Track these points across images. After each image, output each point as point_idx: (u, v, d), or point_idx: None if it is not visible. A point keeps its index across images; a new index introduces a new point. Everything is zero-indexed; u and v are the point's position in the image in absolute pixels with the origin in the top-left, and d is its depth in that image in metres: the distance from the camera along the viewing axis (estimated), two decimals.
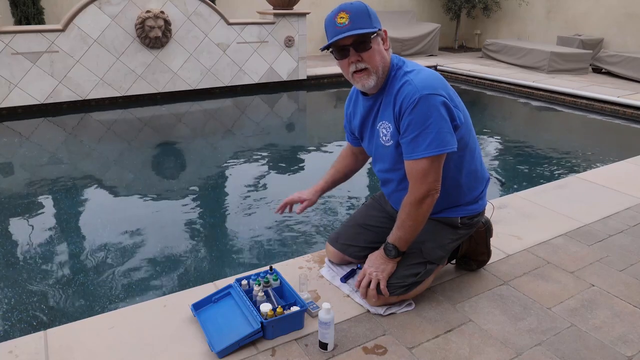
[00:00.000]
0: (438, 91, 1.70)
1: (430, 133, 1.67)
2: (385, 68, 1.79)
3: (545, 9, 10.03)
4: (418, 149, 1.70)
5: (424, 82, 1.71)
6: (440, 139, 1.68)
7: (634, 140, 5.53)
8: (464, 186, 1.93)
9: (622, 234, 2.66)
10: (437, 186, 1.77)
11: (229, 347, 1.71)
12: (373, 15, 1.73)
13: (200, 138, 5.41)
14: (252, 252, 2.92)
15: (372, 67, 1.75)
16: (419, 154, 1.71)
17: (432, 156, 1.70)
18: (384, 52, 1.78)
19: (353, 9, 1.69)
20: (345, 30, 1.68)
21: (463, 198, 1.95)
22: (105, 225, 3.23)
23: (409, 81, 1.72)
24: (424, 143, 1.68)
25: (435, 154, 1.69)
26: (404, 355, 1.74)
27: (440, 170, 1.75)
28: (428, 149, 1.68)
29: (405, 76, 1.75)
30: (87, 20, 5.96)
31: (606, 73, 8.17)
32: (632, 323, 1.94)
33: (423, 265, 1.95)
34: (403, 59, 1.86)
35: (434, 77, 1.76)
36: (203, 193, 3.86)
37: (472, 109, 6.92)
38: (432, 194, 1.77)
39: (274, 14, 7.19)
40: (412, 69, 1.78)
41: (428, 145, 1.68)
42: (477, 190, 1.98)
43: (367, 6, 1.73)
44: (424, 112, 1.67)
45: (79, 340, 1.79)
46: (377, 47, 1.75)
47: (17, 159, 4.56)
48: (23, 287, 2.55)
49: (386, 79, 1.81)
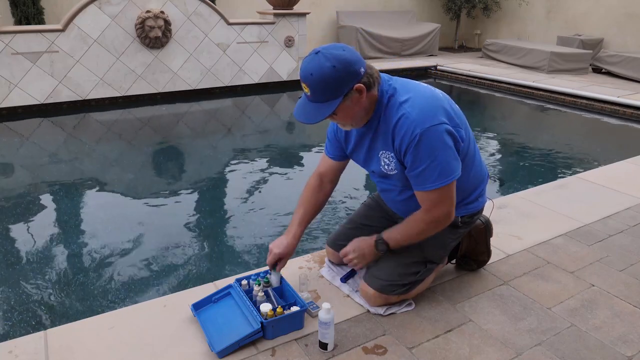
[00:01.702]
0: (438, 119, 1.64)
1: (438, 165, 1.65)
2: (369, 108, 1.70)
3: (545, 9, 10.03)
4: (427, 181, 1.69)
5: (422, 113, 1.64)
6: (448, 170, 1.67)
7: (634, 140, 5.53)
8: (465, 189, 1.92)
9: (622, 234, 2.65)
10: (452, 209, 1.77)
11: (229, 347, 1.71)
12: (335, 82, 1.56)
13: (200, 138, 5.41)
14: (252, 252, 2.92)
15: (346, 122, 1.72)
16: (428, 186, 1.69)
17: (440, 187, 1.69)
18: (360, 104, 1.66)
19: (311, 82, 1.58)
20: (307, 102, 1.63)
21: (464, 199, 1.95)
22: (105, 225, 3.23)
23: (406, 115, 1.64)
24: (432, 176, 1.67)
25: (445, 184, 1.68)
26: (404, 355, 1.74)
27: (453, 193, 1.74)
28: (437, 181, 1.67)
29: (401, 108, 1.66)
30: (87, 20, 5.96)
31: (606, 73, 8.17)
32: (632, 323, 1.94)
33: (423, 264, 1.95)
34: (394, 84, 1.74)
35: (431, 101, 1.68)
36: (203, 193, 3.86)
37: (472, 109, 6.93)
38: (447, 219, 1.78)
39: (274, 14, 7.19)
40: (406, 98, 1.67)
41: (437, 177, 1.67)
42: (478, 189, 1.98)
43: (326, 76, 1.55)
44: (428, 146, 1.63)
45: (79, 340, 1.79)
46: (350, 105, 1.63)
47: (17, 159, 4.56)
48: (23, 287, 2.55)
49: (376, 108, 1.72)
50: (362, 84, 1.62)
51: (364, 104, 1.68)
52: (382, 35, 9.40)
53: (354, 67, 1.59)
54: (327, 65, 1.55)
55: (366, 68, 1.64)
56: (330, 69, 1.55)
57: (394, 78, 1.79)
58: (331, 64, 1.55)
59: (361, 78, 1.61)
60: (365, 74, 1.63)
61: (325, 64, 1.55)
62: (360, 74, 1.61)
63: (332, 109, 1.60)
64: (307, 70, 1.58)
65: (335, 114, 1.66)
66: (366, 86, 1.64)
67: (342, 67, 1.56)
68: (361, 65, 1.62)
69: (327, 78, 1.56)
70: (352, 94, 1.61)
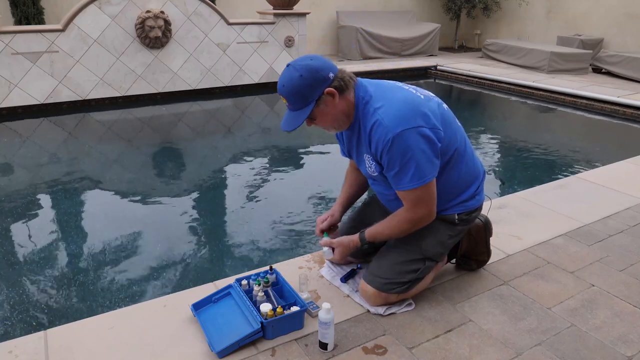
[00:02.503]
0: (410, 123, 1.70)
1: (410, 168, 1.72)
2: (348, 111, 1.80)
3: (545, 9, 10.03)
4: (401, 182, 1.77)
5: (395, 118, 1.70)
6: (420, 172, 1.73)
7: (634, 140, 5.53)
8: (456, 187, 1.93)
9: (622, 234, 2.66)
10: (433, 209, 1.83)
11: (229, 347, 1.71)
12: (304, 89, 1.69)
13: (200, 138, 5.41)
14: (252, 252, 2.92)
15: (327, 125, 1.83)
16: (403, 187, 1.78)
17: (414, 188, 1.76)
18: (337, 107, 1.76)
19: (285, 93, 1.72)
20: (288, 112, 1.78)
21: (458, 197, 1.95)
22: (105, 225, 3.23)
23: (379, 121, 1.72)
24: (405, 177, 1.75)
25: (418, 186, 1.75)
26: (404, 355, 1.74)
27: (431, 193, 1.80)
28: (410, 183, 1.75)
29: (375, 114, 1.74)
30: (87, 20, 5.96)
31: (606, 73, 8.17)
32: (632, 323, 1.94)
33: (422, 261, 1.95)
34: (371, 90, 1.80)
35: (405, 106, 1.74)
36: (203, 193, 3.86)
37: (473, 109, 6.94)
38: (427, 219, 1.85)
39: (274, 14, 7.19)
40: (381, 104, 1.75)
41: (410, 179, 1.74)
42: (473, 187, 1.98)
43: (296, 85, 1.69)
44: (399, 150, 1.71)
45: (79, 340, 1.79)
46: (325, 108, 1.75)
47: (17, 159, 4.56)
48: (23, 287, 2.55)
49: (355, 112, 1.81)
50: (333, 88, 1.73)
51: (341, 107, 1.78)
52: (382, 35, 9.40)
53: (322, 74, 1.71)
54: (296, 75, 1.70)
55: (337, 73, 1.75)
56: (299, 78, 1.69)
57: (374, 83, 1.86)
58: (299, 73, 1.69)
59: (331, 82, 1.73)
60: (336, 78, 1.74)
61: (294, 74, 1.70)
62: (329, 79, 1.72)
63: (307, 113, 1.73)
64: (280, 83, 1.74)
65: (314, 119, 1.79)
66: (337, 90, 1.74)
67: (309, 75, 1.69)
68: (330, 71, 1.73)
69: (297, 87, 1.70)
70: (324, 98, 1.73)
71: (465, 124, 2.03)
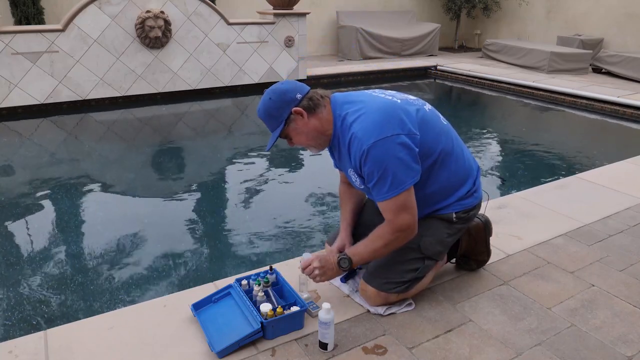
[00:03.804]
0: (384, 132, 1.72)
1: (387, 177, 1.74)
2: (322, 129, 1.85)
3: (545, 9, 10.03)
4: (380, 193, 1.78)
5: (368, 130, 1.74)
6: (398, 181, 1.74)
7: (634, 140, 5.53)
8: (448, 186, 1.93)
9: (622, 234, 2.66)
10: (414, 218, 1.81)
11: (229, 347, 1.71)
12: (274, 110, 1.80)
13: (200, 138, 5.41)
14: (252, 252, 2.92)
15: (305, 144, 1.90)
16: (382, 197, 1.78)
17: (394, 197, 1.76)
18: (308, 125, 1.82)
19: (260, 115, 1.85)
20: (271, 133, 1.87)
21: (453, 195, 1.95)
22: (105, 225, 3.23)
23: (354, 135, 1.76)
24: (384, 187, 1.76)
25: (396, 194, 1.75)
26: (404, 355, 1.74)
27: (410, 202, 1.79)
28: (389, 192, 1.76)
29: (351, 128, 1.78)
30: (87, 20, 5.96)
31: (606, 73, 8.17)
32: (632, 323, 1.94)
33: (421, 260, 1.95)
34: (345, 105, 1.85)
35: (379, 115, 1.76)
36: (203, 193, 3.86)
37: (473, 109, 6.94)
38: (411, 229, 1.81)
39: (274, 14, 7.19)
40: (355, 117, 1.78)
41: (388, 189, 1.75)
42: (467, 184, 1.98)
43: (267, 107, 1.81)
44: (375, 161, 1.73)
45: (79, 340, 1.79)
46: (295, 127, 1.82)
47: (17, 159, 4.56)
48: (23, 287, 2.55)
49: (334, 130, 1.86)
50: (301, 107, 1.81)
51: (313, 125, 1.83)
52: (382, 35, 9.40)
53: (289, 95, 1.81)
54: (266, 98, 1.83)
55: (306, 93, 1.83)
56: (268, 100, 1.82)
57: (349, 97, 1.90)
58: (269, 96, 1.82)
59: (299, 102, 1.81)
60: (305, 98, 1.82)
61: (265, 98, 1.83)
62: (295, 99, 1.81)
63: (278, 132, 1.83)
64: (257, 108, 1.86)
65: (290, 139, 1.88)
66: (305, 109, 1.81)
67: (276, 97, 1.81)
68: (297, 92, 1.82)
69: (267, 109, 1.83)
70: (292, 117, 1.82)
71: (465, 124, 2.04)
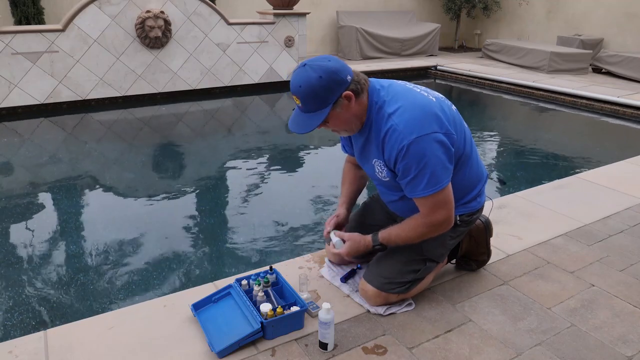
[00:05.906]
0: (426, 129, 1.67)
1: (425, 175, 1.69)
2: (361, 115, 1.76)
3: (545, 9, 10.03)
4: (416, 189, 1.73)
5: (410, 124, 1.67)
6: (436, 179, 1.70)
7: (634, 140, 5.53)
8: (460, 189, 1.93)
9: (622, 234, 2.66)
10: (451, 214, 1.79)
11: (229, 347, 1.71)
12: (321, 90, 1.63)
13: (200, 138, 5.41)
14: (252, 252, 2.92)
15: (339, 128, 1.79)
16: (418, 194, 1.74)
17: (430, 195, 1.73)
18: (352, 111, 1.72)
19: (300, 93, 1.66)
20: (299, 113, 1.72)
21: (462, 198, 1.95)
22: (105, 225, 3.23)
23: (394, 127, 1.68)
24: (421, 184, 1.71)
25: (433, 192, 1.72)
26: (404, 355, 1.74)
27: (448, 197, 1.76)
28: (425, 189, 1.72)
29: (389, 120, 1.70)
30: (87, 20, 5.96)
31: (606, 73, 8.17)
32: (632, 323, 1.94)
33: (423, 262, 1.95)
34: (384, 94, 1.76)
35: (420, 110, 1.70)
36: (203, 193, 3.86)
37: (473, 109, 6.94)
38: (447, 223, 1.80)
39: (274, 14, 7.19)
40: (395, 109, 1.70)
41: (425, 186, 1.71)
42: (476, 189, 1.98)
43: (312, 86, 1.63)
44: (415, 156, 1.67)
45: (79, 340, 1.79)
46: (340, 112, 1.70)
47: (17, 159, 4.56)
48: (23, 287, 2.55)
49: (368, 116, 1.77)
50: (350, 91, 1.68)
51: (355, 110, 1.73)
52: (382, 35, 9.40)
53: (340, 76, 1.66)
54: (314, 76, 1.63)
55: (353, 75, 1.70)
56: (317, 79, 1.62)
57: (386, 85, 1.81)
58: (317, 74, 1.63)
59: (348, 85, 1.68)
60: (353, 81, 1.69)
61: (312, 75, 1.63)
62: (347, 81, 1.67)
63: (323, 117, 1.68)
64: (295, 83, 1.66)
65: (327, 122, 1.73)
66: (354, 93, 1.70)
67: (328, 77, 1.63)
68: (347, 73, 1.68)
69: (315, 88, 1.63)
70: (340, 101, 1.68)
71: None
